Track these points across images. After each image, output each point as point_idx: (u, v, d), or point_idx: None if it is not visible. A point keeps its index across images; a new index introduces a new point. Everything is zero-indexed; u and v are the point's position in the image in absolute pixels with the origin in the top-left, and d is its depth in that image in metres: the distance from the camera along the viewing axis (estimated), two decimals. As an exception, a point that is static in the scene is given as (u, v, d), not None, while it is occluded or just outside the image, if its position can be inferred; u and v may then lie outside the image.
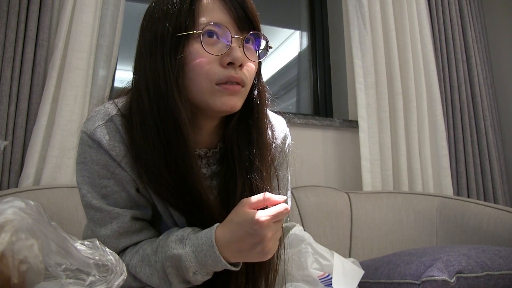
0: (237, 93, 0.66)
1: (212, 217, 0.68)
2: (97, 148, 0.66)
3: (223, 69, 0.65)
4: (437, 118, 1.95)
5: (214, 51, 0.64)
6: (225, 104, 0.66)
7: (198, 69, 0.64)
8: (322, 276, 1.04)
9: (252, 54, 0.69)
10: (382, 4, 1.98)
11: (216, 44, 0.65)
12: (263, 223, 0.60)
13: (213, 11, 0.65)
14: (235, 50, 0.64)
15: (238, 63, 0.65)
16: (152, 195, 0.70)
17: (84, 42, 1.43)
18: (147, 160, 0.66)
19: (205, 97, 0.66)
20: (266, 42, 0.71)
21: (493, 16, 2.41)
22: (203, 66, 0.64)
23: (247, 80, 0.68)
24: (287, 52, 2.38)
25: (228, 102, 0.66)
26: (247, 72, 0.68)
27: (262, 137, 0.73)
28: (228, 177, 0.73)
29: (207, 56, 0.64)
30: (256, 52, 0.71)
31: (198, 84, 0.65)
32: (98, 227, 0.68)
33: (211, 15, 0.65)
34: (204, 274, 0.65)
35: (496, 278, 0.96)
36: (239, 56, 0.64)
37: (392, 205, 1.66)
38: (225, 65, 0.65)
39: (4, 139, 1.30)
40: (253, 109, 0.73)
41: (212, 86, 0.65)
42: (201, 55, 0.64)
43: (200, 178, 0.68)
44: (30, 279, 0.46)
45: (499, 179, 2.05)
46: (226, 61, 0.64)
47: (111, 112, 0.68)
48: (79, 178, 0.68)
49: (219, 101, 0.66)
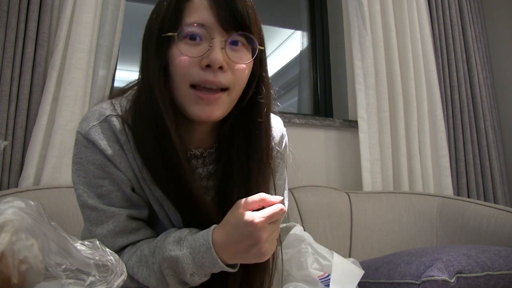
0: (215, 101, 0.64)
1: (209, 218, 0.68)
2: (92, 148, 0.67)
3: (201, 72, 0.63)
4: (437, 118, 1.95)
5: (194, 52, 0.63)
6: (200, 114, 0.65)
7: (177, 70, 0.64)
8: (322, 276, 1.05)
9: (240, 56, 0.66)
10: (382, 4, 1.98)
11: (198, 46, 0.63)
12: (258, 225, 0.60)
13: (199, 11, 0.63)
14: (215, 51, 0.62)
15: (216, 65, 0.62)
16: (148, 195, 0.70)
17: (84, 42, 1.43)
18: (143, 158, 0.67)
19: (182, 101, 0.66)
20: (257, 42, 0.67)
21: (493, 16, 2.41)
22: (182, 68, 0.63)
23: (232, 84, 0.65)
24: (287, 52, 2.38)
25: (203, 112, 0.64)
26: (234, 75, 0.65)
27: (259, 139, 0.71)
28: (225, 178, 0.73)
29: (187, 58, 0.63)
30: (250, 52, 0.67)
31: (178, 86, 0.65)
32: (94, 226, 0.68)
33: (196, 15, 0.63)
34: (202, 276, 0.65)
35: (496, 278, 0.96)
36: (217, 58, 0.62)
37: (392, 205, 1.66)
38: (204, 68, 0.63)
39: (4, 139, 1.30)
40: (252, 110, 0.72)
41: (188, 89, 0.64)
42: (181, 57, 0.63)
43: (194, 180, 0.68)
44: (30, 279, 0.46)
45: (499, 179, 2.05)
46: (204, 64, 0.62)
47: (106, 112, 0.68)
48: (75, 178, 0.69)
49: (194, 109, 0.65)
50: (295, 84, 2.29)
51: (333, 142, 1.93)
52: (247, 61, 0.66)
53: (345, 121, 1.96)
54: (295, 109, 2.21)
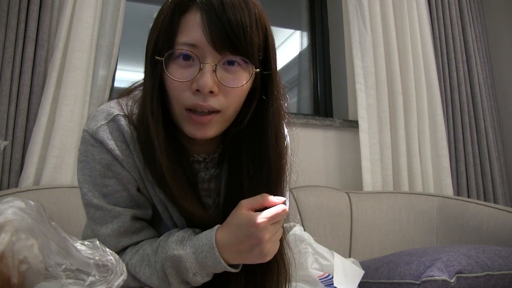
0: (207, 123, 0.63)
1: (210, 219, 0.68)
2: (100, 147, 0.67)
3: (192, 96, 0.61)
4: (437, 118, 1.95)
5: (185, 76, 0.61)
6: (194, 134, 0.64)
7: (171, 92, 0.63)
8: (322, 276, 1.04)
9: (235, 77, 0.62)
10: (382, 4, 1.98)
11: (190, 68, 0.61)
12: (260, 225, 0.60)
13: (192, 29, 0.60)
14: (204, 76, 0.59)
15: (205, 90, 0.59)
16: (152, 195, 0.70)
17: (84, 42, 1.43)
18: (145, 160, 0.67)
19: (178, 120, 0.66)
20: (252, 65, 0.63)
21: (493, 16, 2.41)
22: (174, 91, 0.63)
23: (224, 106, 0.63)
24: (287, 52, 2.38)
25: (197, 132, 0.64)
26: (225, 98, 0.62)
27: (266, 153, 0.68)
28: (227, 180, 0.73)
29: (178, 82, 0.61)
30: (247, 71, 0.63)
31: (172, 107, 0.65)
32: (98, 226, 0.68)
33: (188, 34, 0.61)
34: (204, 276, 0.65)
35: (496, 278, 0.96)
36: (206, 83, 0.59)
37: (392, 205, 1.66)
38: (194, 92, 0.61)
39: (4, 139, 1.30)
40: (258, 124, 0.69)
41: (182, 111, 0.63)
42: (172, 80, 0.62)
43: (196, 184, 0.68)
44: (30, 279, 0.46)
45: (499, 179, 2.05)
46: (194, 88, 0.61)
47: (114, 111, 0.68)
48: (80, 177, 0.68)
49: (189, 129, 0.64)
50: (295, 84, 2.29)
51: (333, 142, 1.93)
52: (240, 84, 0.63)
53: (345, 121, 1.96)
54: (295, 109, 2.21)
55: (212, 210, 0.75)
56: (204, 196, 0.75)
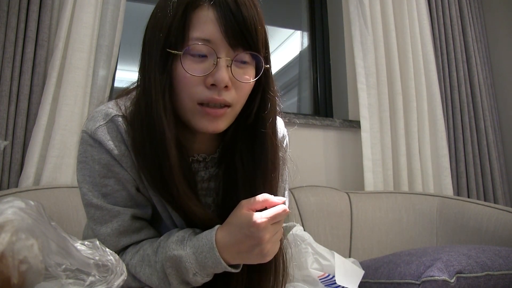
0: (220, 116, 0.65)
1: (209, 219, 0.68)
2: (99, 147, 0.67)
3: (206, 90, 0.63)
4: (437, 118, 1.95)
5: (199, 71, 0.62)
6: (206, 128, 0.65)
7: (182, 87, 0.63)
8: (322, 276, 1.04)
9: (245, 73, 0.65)
10: (382, 4, 1.98)
11: (203, 62, 0.62)
12: (260, 225, 0.60)
13: (205, 24, 0.62)
14: (220, 71, 0.61)
15: (222, 85, 0.62)
16: (151, 195, 0.71)
17: (84, 42, 1.43)
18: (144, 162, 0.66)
19: (188, 116, 0.66)
20: (263, 61, 0.66)
21: (493, 16, 2.41)
22: (186, 86, 0.63)
23: (235, 100, 0.65)
24: (287, 52, 2.38)
25: (210, 126, 0.65)
26: (236, 93, 0.65)
27: (264, 150, 0.70)
28: (226, 180, 0.73)
29: (192, 76, 0.62)
30: (254, 67, 0.67)
31: (182, 102, 0.65)
32: (98, 225, 0.68)
33: (202, 29, 0.62)
34: (204, 276, 0.65)
35: (496, 278, 0.96)
36: (222, 78, 0.61)
37: (392, 205, 1.66)
38: (209, 86, 0.62)
39: (4, 139, 1.30)
40: (256, 122, 0.71)
41: (194, 105, 0.64)
42: (186, 74, 0.62)
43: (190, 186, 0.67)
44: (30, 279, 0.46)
45: (499, 179, 2.05)
46: (209, 82, 0.62)
47: (112, 112, 0.68)
48: (80, 177, 0.69)
49: (200, 123, 0.65)
50: (295, 84, 2.29)
51: (333, 142, 1.93)
52: (251, 80, 0.66)
53: (345, 121, 1.96)
54: (295, 109, 2.21)
55: (212, 209, 0.75)
56: (203, 196, 0.75)
